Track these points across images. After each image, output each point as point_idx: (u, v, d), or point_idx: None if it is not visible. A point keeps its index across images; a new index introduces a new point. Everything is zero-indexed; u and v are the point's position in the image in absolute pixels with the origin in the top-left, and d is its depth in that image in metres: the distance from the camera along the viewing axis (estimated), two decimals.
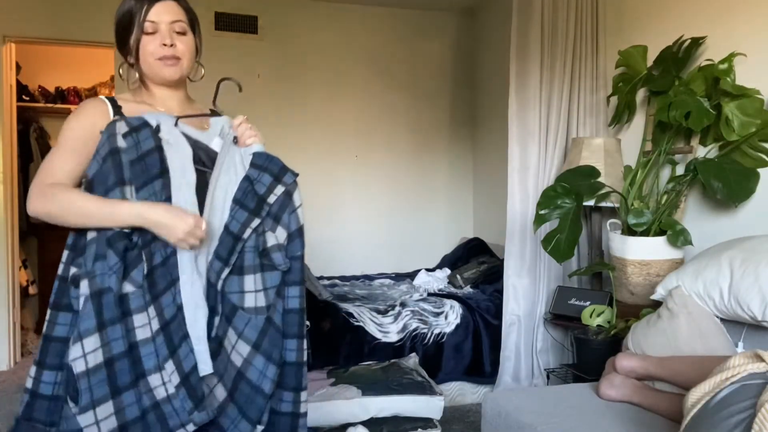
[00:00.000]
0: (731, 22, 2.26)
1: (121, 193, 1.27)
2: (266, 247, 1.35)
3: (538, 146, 2.90)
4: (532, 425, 1.71)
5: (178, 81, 1.47)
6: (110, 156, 1.28)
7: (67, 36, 3.95)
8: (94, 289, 1.23)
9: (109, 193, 1.26)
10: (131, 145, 1.29)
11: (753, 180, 2.10)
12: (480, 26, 4.57)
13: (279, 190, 1.37)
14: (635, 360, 1.85)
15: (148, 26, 1.39)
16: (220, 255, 1.33)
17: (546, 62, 2.88)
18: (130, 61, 1.43)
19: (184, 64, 1.45)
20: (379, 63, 4.39)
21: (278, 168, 1.39)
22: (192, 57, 1.48)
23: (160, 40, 1.40)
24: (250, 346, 1.32)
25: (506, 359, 2.95)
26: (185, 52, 1.44)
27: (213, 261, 1.33)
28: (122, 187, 1.27)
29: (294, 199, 1.40)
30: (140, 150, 1.30)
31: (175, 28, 1.42)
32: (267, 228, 1.36)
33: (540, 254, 2.88)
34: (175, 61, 1.42)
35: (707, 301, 1.88)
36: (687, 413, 1.31)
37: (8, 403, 3.28)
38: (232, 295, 1.33)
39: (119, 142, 1.29)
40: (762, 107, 2.11)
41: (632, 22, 2.78)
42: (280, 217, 1.37)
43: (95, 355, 1.21)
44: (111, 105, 1.40)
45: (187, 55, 1.45)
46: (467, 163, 4.70)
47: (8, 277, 3.84)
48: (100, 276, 1.24)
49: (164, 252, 1.30)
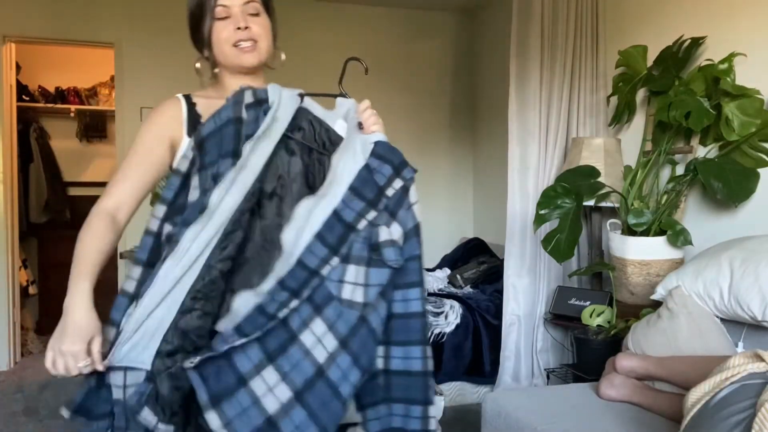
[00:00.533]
0: (731, 22, 2.26)
1: (233, 164, 1.20)
2: (378, 242, 1.22)
3: (538, 146, 2.90)
4: (532, 425, 1.71)
5: (257, 67, 1.36)
6: (232, 124, 1.23)
7: (67, 36, 3.95)
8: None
9: (221, 160, 1.20)
10: (251, 119, 1.24)
11: (753, 180, 2.10)
12: (480, 26, 4.57)
13: (397, 184, 1.29)
14: (635, 360, 1.85)
15: (219, 11, 1.29)
16: (329, 242, 1.19)
17: (546, 62, 2.88)
18: (206, 53, 1.35)
19: (262, 47, 1.33)
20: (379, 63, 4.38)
21: (399, 161, 1.30)
22: (269, 40, 1.36)
23: (234, 24, 1.29)
24: (338, 341, 1.16)
25: (506, 359, 2.95)
26: (262, 34, 1.33)
27: (315, 244, 1.18)
28: (234, 159, 1.20)
29: (411, 195, 1.33)
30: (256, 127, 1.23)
31: (248, 10, 1.31)
32: (381, 222, 1.25)
33: (540, 254, 2.88)
34: (252, 45, 1.31)
35: (707, 301, 1.88)
36: (687, 413, 1.31)
37: (8, 403, 3.28)
38: (331, 283, 1.19)
39: (243, 112, 1.23)
40: (762, 107, 2.11)
41: (632, 22, 2.78)
42: (395, 213, 1.28)
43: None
44: (186, 104, 1.34)
45: (264, 38, 1.34)
46: (467, 163, 4.70)
47: (8, 277, 3.84)
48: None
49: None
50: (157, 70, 4.07)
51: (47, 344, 1.22)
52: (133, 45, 4.02)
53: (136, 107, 4.05)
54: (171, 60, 4.09)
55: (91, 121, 5.21)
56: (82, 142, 5.24)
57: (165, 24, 4.07)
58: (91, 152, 5.31)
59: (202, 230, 1.15)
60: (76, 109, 5.07)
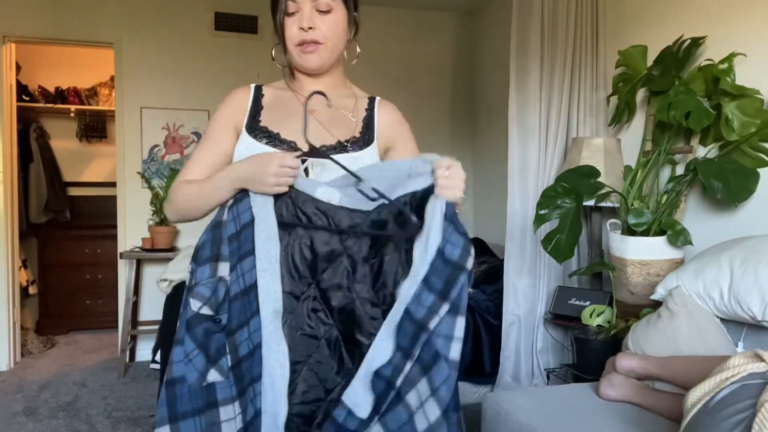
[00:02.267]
0: (731, 22, 2.26)
1: (212, 270, 1.12)
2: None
3: (538, 146, 2.90)
4: (532, 425, 1.71)
5: (320, 69, 1.30)
6: (213, 228, 1.16)
7: (67, 36, 3.95)
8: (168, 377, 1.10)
9: (203, 265, 1.13)
10: (232, 218, 1.15)
11: (753, 180, 2.10)
12: (480, 26, 4.57)
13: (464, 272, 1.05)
14: (635, 360, 1.85)
15: (289, 6, 1.24)
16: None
17: (546, 62, 2.88)
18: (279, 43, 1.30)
19: (327, 49, 1.27)
20: (378, 63, 4.39)
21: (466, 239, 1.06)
22: (339, 40, 1.29)
23: (299, 22, 1.23)
24: (441, 410, 1.01)
25: (506, 359, 2.95)
26: (329, 35, 1.25)
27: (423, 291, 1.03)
28: (215, 263, 1.13)
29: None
30: (239, 224, 1.14)
31: (319, 7, 1.23)
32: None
33: (540, 254, 2.88)
34: (314, 47, 1.25)
35: (707, 301, 1.88)
36: (687, 413, 1.31)
37: (8, 403, 3.28)
38: (438, 339, 1.02)
39: (224, 214, 1.16)
40: (762, 107, 2.11)
41: (632, 22, 2.78)
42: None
43: None
44: (254, 94, 1.32)
45: (332, 39, 1.27)
46: (467, 163, 4.70)
47: (8, 277, 3.84)
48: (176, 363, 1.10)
49: (250, 344, 1.10)
50: (157, 70, 4.07)
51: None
52: (133, 45, 4.02)
53: (136, 107, 4.05)
54: (171, 60, 4.09)
55: (91, 121, 5.22)
56: (81, 142, 5.25)
57: (165, 24, 4.08)
58: (91, 152, 5.31)
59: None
60: (76, 109, 5.07)
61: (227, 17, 4.15)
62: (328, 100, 1.28)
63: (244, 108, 1.30)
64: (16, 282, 3.96)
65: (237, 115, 1.30)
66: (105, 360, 4.08)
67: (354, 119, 1.33)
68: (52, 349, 4.33)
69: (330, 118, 1.31)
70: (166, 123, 4.10)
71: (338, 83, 1.38)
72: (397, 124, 1.39)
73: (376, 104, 1.39)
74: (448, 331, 1.02)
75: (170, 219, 1.32)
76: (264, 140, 1.25)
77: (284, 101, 1.32)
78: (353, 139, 1.29)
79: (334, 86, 1.35)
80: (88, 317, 4.80)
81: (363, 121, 1.34)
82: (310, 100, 1.26)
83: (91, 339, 4.60)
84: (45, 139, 5.06)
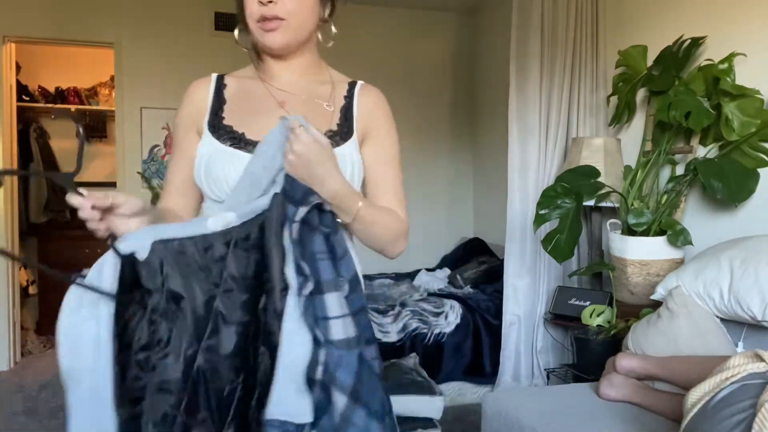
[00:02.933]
0: (731, 22, 2.26)
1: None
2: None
3: (538, 146, 2.90)
4: (532, 425, 1.71)
5: (284, 50, 1.13)
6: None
7: (67, 36, 3.95)
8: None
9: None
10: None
11: (753, 180, 2.10)
12: (480, 26, 4.57)
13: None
14: (635, 360, 1.85)
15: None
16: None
17: (546, 62, 2.88)
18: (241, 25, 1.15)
19: (291, 26, 1.09)
20: (378, 63, 4.39)
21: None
22: (306, 17, 1.11)
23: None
24: (348, 396, 0.92)
25: (506, 359, 2.95)
26: (293, 10, 1.08)
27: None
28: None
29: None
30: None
31: None
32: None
33: (540, 254, 2.88)
34: (276, 24, 1.08)
35: (707, 301, 1.88)
36: (687, 413, 1.31)
37: (8, 403, 3.28)
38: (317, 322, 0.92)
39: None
40: (762, 107, 2.11)
41: (632, 22, 2.78)
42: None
43: None
44: (216, 84, 1.17)
45: (297, 15, 1.09)
46: (467, 163, 4.70)
47: (8, 277, 3.84)
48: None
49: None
50: (157, 70, 4.07)
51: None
52: (133, 45, 4.02)
53: (136, 107, 4.05)
54: (171, 60, 4.09)
55: (91, 121, 5.22)
56: None
57: (165, 24, 4.08)
58: (91, 152, 5.31)
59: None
60: (76, 109, 5.07)
61: (227, 17, 4.15)
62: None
63: (204, 103, 1.15)
64: (16, 282, 3.95)
65: (197, 113, 1.15)
66: None
67: (330, 109, 1.17)
68: (52, 349, 4.33)
69: (302, 109, 1.13)
70: (166, 123, 4.11)
71: (312, 67, 1.20)
72: (374, 109, 1.20)
73: (356, 90, 1.21)
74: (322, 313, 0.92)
75: None
76: (228, 142, 1.10)
77: (250, 93, 1.17)
78: (330, 133, 1.13)
79: (306, 70, 1.19)
80: None
81: (341, 110, 1.17)
82: (280, 90, 1.14)
83: None
84: (45, 139, 5.05)
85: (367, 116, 1.18)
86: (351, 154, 1.14)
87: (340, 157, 1.09)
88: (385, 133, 1.20)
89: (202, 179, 1.11)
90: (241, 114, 1.14)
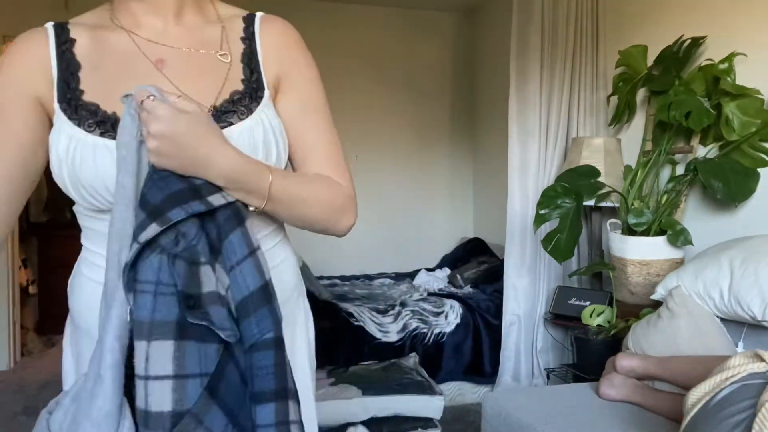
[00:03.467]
0: (731, 22, 2.26)
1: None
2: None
3: (538, 146, 2.90)
4: (532, 425, 1.71)
5: None
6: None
7: None
8: None
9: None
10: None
11: (753, 180, 2.10)
12: (480, 26, 4.57)
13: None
14: (635, 360, 1.85)
15: None
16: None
17: (546, 62, 2.88)
18: None
19: None
20: (378, 63, 4.39)
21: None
22: None
23: None
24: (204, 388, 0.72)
25: (506, 359, 2.95)
26: None
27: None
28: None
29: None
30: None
31: None
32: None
33: (540, 254, 2.88)
34: None
35: (707, 301, 1.88)
36: (687, 413, 1.31)
37: (8, 403, 3.28)
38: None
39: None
40: (762, 107, 2.11)
41: (632, 22, 2.78)
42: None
43: None
44: (56, 39, 0.85)
45: None
46: (467, 162, 4.70)
47: (8, 277, 3.84)
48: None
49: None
50: None
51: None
52: None
53: None
54: None
55: None
56: None
57: None
58: None
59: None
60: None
61: None
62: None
63: (44, 67, 0.82)
64: (16, 282, 3.95)
65: (34, 82, 0.81)
66: None
67: (227, 60, 0.87)
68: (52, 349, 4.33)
69: (189, 67, 0.85)
70: None
71: (189, 3, 0.88)
72: (284, 49, 0.90)
73: (256, 27, 0.90)
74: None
75: None
76: (95, 128, 0.79)
77: (111, 50, 0.84)
78: (234, 97, 0.84)
79: (182, 9, 0.87)
80: None
81: (242, 59, 0.87)
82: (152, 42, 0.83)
83: None
84: None
85: (276, 60, 0.89)
86: (269, 118, 0.86)
87: (256, 127, 0.83)
88: (304, 78, 0.91)
89: (67, 185, 0.80)
90: (104, 84, 0.82)
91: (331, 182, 0.89)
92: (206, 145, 0.73)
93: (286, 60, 0.90)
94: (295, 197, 0.84)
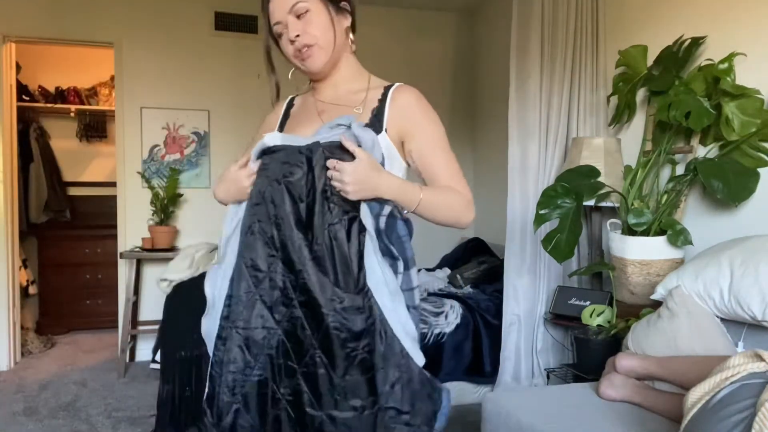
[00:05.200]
0: (731, 22, 2.26)
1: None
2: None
3: (538, 146, 2.90)
4: (532, 425, 1.71)
5: (323, 69, 1.31)
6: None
7: (67, 36, 3.95)
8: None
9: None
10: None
11: (753, 180, 2.10)
12: (480, 26, 4.57)
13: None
14: (635, 360, 1.85)
15: (277, 29, 1.30)
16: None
17: (546, 62, 2.88)
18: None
19: (321, 47, 1.28)
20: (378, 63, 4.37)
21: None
22: (329, 34, 1.28)
23: (286, 36, 1.27)
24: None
25: (506, 359, 2.95)
26: (316, 33, 1.26)
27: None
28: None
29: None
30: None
31: (297, 12, 1.26)
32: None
33: (540, 254, 2.88)
34: (308, 51, 1.27)
35: (707, 301, 1.88)
36: (687, 413, 1.31)
37: (8, 403, 3.28)
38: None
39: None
40: (762, 107, 2.11)
41: (632, 22, 2.78)
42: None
43: None
44: (287, 103, 1.46)
45: (322, 36, 1.27)
46: (467, 162, 4.70)
47: (8, 277, 3.84)
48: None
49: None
50: (157, 70, 4.07)
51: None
52: (133, 45, 4.02)
53: (136, 107, 4.05)
54: (171, 60, 4.09)
55: (91, 121, 5.22)
56: (82, 142, 5.24)
57: (165, 24, 4.08)
58: (91, 152, 5.31)
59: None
60: (76, 109, 5.07)
61: (227, 17, 4.15)
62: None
63: (277, 118, 1.44)
64: (16, 282, 3.95)
65: (271, 124, 1.44)
66: (105, 360, 4.08)
67: (359, 111, 1.31)
68: (52, 349, 4.33)
69: (335, 114, 1.31)
70: (166, 123, 4.10)
71: (351, 77, 1.37)
72: (406, 107, 1.32)
73: (390, 92, 1.34)
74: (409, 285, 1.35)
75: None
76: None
77: (305, 107, 1.41)
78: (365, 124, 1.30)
79: (346, 81, 1.36)
80: (88, 317, 4.80)
81: (372, 111, 1.31)
82: (321, 102, 1.35)
83: (91, 339, 4.60)
84: (45, 139, 5.06)
85: (400, 115, 1.30)
86: (382, 139, 1.27)
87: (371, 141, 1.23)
88: (424, 125, 1.32)
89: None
90: (293, 126, 1.39)
91: (456, 192, 1.30)
92: (376, 179, 1.19)
93: (409, 116, 1.31)
94: (435, 204, 1.28)
